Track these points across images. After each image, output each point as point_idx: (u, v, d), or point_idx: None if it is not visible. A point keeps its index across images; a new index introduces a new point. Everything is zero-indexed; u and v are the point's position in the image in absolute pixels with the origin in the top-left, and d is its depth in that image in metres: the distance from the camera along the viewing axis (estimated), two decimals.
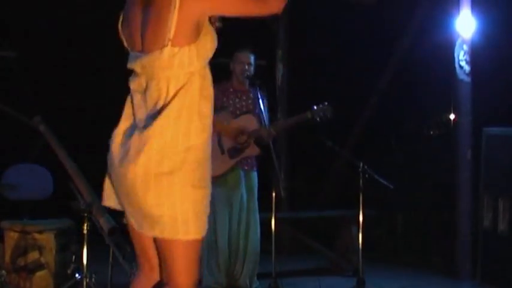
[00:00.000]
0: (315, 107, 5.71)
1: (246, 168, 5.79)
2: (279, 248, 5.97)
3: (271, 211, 5.63)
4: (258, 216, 5.85)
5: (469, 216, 6.59)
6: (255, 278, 5.89)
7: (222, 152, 5.70)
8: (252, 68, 5.81)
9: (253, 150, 5.78)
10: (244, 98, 5.82)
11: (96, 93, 8.49)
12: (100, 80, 8.42)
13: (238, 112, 5.80)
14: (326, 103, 5.73)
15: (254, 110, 5.79)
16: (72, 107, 8.50)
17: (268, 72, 7.88)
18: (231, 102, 5.79)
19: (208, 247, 5.71)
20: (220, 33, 2.82)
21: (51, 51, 8.36)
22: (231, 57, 5.84)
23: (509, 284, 5.74)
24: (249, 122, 5.77)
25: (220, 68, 5.92)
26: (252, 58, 5.83)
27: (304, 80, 8.62)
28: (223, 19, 2.84)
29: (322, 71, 9.00)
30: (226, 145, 5.71)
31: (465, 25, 6.57)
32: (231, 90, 5.80)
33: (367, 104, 8.36)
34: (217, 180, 5.69)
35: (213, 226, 5.68)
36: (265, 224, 5.83)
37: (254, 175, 5.85)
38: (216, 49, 2.98)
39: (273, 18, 8.29)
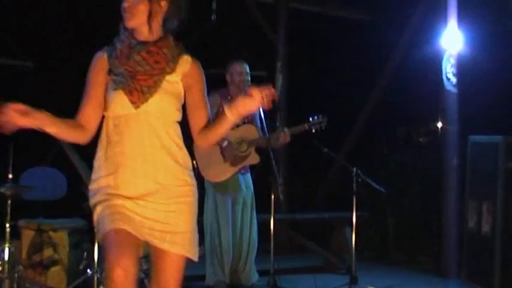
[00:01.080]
0: (311, 119, 5.71)
1: (242, 172, 5.83)
2: (278, 247, 5.91)
3: (270, 213, 5.62)
4: (255, 214, 5.86)
5: (455, 219, 6.59)
6: (255, 271, 5.90)
7: (225, 160, 5.72)
8: (248, 77, 5.84)
9: (253, 159, 5.77)
10: None
11: None
12: None
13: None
14: (321, 115, 5.72)
15: (250, 117, 5.81)
16: None
17: (268, 82, 7.88)
18: None
19: (211, 248, 5.72)
20: (225, 47, 2.93)
21: (66, 61, 8.38)
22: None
23: (492, 281, 5.73)
24: (249, 132, 5.76)
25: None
26: (247, 68, 5.85)
27: (301, 90, 8.62)
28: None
29: (318, 82, 9.00)
30: (229, 154, 5.73)
31: (452, 40, 6.60)
32: (229, 98, 5.80)
33: (361, 113, 8.38)
34: (219, 186, 5.73)
35: (216, 229, 5.70)
36: (264, 225, 5.82)
37: (249, 176, 5.87)
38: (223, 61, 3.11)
39: (273, 32, 8.38)
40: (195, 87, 2.92)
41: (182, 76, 2.88)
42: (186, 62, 2.90)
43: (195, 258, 2.89)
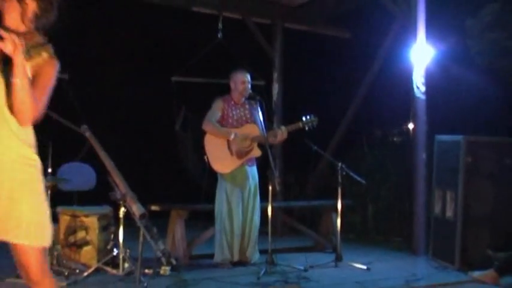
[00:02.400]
0: (304, 118, 5.72)
1: (249, 164, 5.84)
2: (274, 230, 5.90)
3: (268, 201, 5.62)
4: (259, 200, 5.84)
5: (424, 206, 6.57)
6: (258, 250, 5.89)
7: (231, 154, 5.77)
8: (249, 85, 5.82)
9: (256, 152, 5.77)
10: (242, 109, 5.83)
11: (128, 108, 8.61)
12: (132, 96, 8.53)
13: (240, 121, 5.89)
14: (313, 115, 5.72)
15: (251, 118, 5.84)
16: (111, 118, 8.58)
17: (266, 90, 7.93)
18: (234, 112, 5.84)
19: (222, 231, 5.69)
20: (229, 60, 2.85)
21: (95, 74, 8.43)
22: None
23: (453, 258, 5.79)
24: (251, 130, 5.77)
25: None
26: (249, 77, 5.83)
27: (295, 96, 8.67)
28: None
29: (309, 90, 9.03)
30: (234, 148, 5.80)
31: (421, 55, 6.65)
32: (232, 103, 5.80)
33: (345, 116, 8.39)
34: (229, 176, 5.75)
35: (227, 214, 5.66)
36: (262, 211, 5.82)
37: (255, 168, 5.87)
38: (225, 72, 2.97)
39: (270, 47, 8.43)
40: (39, 79, 2.60)
41: (31, 67, 2.56)
42: (41, 58, 2.62)
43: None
